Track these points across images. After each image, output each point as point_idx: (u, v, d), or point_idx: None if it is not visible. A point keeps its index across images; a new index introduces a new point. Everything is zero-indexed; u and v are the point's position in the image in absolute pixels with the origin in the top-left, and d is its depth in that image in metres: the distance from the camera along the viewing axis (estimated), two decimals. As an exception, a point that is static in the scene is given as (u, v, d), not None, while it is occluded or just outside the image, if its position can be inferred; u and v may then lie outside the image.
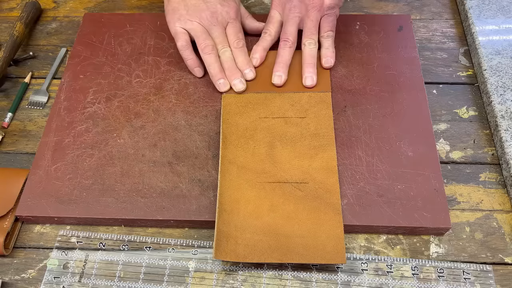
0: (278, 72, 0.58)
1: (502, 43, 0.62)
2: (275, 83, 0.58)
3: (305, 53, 0.58)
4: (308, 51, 0.58)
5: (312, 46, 0.58)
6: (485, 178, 0.54)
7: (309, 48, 0.58)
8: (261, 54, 0.60)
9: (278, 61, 0.58)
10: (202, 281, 0.48)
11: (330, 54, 0.59)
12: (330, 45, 0.59)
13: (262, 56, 0.60)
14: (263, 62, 0.60)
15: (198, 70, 0.59)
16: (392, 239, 0.50)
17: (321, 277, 0.48)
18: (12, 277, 0.49)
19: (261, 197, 0.50)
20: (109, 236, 0.51)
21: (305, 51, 0.58)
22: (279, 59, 0.58)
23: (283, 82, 0.58)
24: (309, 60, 0.58)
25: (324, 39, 0.59)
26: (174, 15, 0.60)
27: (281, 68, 0.58)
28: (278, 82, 0.57)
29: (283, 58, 0.58)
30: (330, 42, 0.59)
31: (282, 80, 0.57)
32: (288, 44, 0.58)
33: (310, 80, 0.57)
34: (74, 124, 0.57)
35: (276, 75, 0.58)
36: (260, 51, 0.60)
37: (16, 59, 0.66)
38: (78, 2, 0.74)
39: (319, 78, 0.58)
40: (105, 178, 0.52)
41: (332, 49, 0.59)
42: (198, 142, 0.55)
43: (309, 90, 0.58)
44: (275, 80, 0.58)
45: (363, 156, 0.53)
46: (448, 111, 0.59)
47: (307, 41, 0.58)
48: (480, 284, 0.47)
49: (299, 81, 0.59)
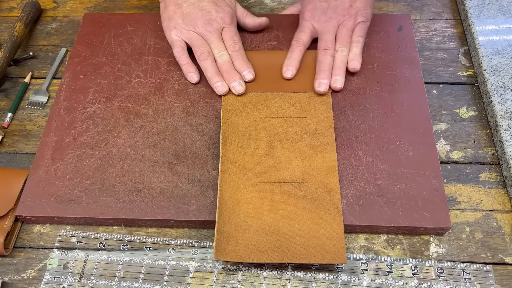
0: (324, 80, 0.57)
1: (502, 43, 0.62)
2: (320, 91, 0.57)
3: (336, 58, 0.59)
4: (339, 57, 0.59)
5: (345, 53, 0.59)
6: (485, 178, 0.54)
7: (341, 54, 0.59)
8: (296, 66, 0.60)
9: (321, 69, 0.58)
10: (202, 281, 0.48)
11: (356, 59, 0.59)
12: (358, 50, 0.59)
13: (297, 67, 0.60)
14: (262, 62, 0.60)
15: (192, 75, 0.59)
16: (392, 239, 0.50)
17: (321, 277, 0.48)
18: (12, 277, 0.49)
19: (261, 197, 0.50)
20: (109, 236, 0.51)
21: (336, 56, 0.59)
22: (322, 67, 0.58)
23: (327, 89, 0.57)
24: (339, 64, 0.58)
25: (353, 43, 0.60)
26: (170, 23, 0.60)
27: (325, 75, 0.58)
28: (324, 89, 0.57)
29: (326, 66, 0.58)
30: (358, 47, 0.59)
31: (326, 87, 0.57)
32: (329, 52, 0.59)
33: (339, 82, 0.57)
34: (74, 124, 0.57)
35: (322, 83, 0.57)
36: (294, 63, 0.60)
37: (16, 59, 0.66)
38: (78, 2, 0.74)
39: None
40: (105, 178, 0.52)
41: (359, 54, 0.59)
42: (198, 142, 0.55)
43: (310, 90, 0.58)
44: (321, 87, 0.57)
45: (363, 156, 0.53)
46: (448, 111, 0.59)
47: (340, 47, 0.59)
48: (480, 284, 0.47)
49: (299, 81, 0.59)
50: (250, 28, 0.64)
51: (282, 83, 0.59)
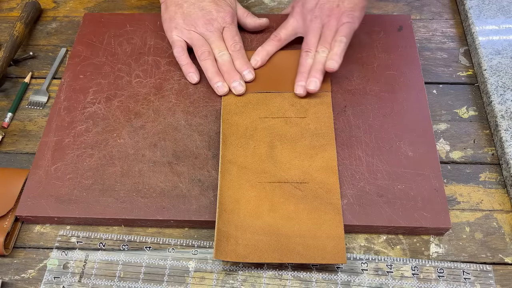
0: (301, 82, 0.57)
1: (502, 43, 0.62)
2: (298, 93, 0.57)
3: (315, 59, 0.57)
4: (318, 58, 0.57)
5: (324, 54, 0.57)
6: (485, 178, 0.54)
7: (320, 56, 0.57)
8: (262, 58, 0.60)
9: (300, 70, 0.57)
10: (202, 281, 0.48)
11: (335, 58, 0.56)
12: (339, 50, 0.56)
13: (264, 59, 0.60)
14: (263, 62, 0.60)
15: (192, 75, 0.59)
16: (392, 239, 0.50)
17: (321, 277, 0.48)
18: (12, 277, 0.49)
19: (261, 197, 0.50)
20: (109, 236, 0.51)
21: (315, 58, 0.57)
22: (301, 69, 0.57)
23: (304, 91, 0.57)
24: (316, 66, 0.56)
25: (335, 43, 0.57)
26: (171, 24, 0.60)
27: (304, 78, 0.57)
28: (301, 92, 0.57)
29: (305, 68, 0.57)
30: (340, 47, 0.56)
31: (304, 90, 0.57)
32: (310, 54, 0.58)
33: (313, 85, 0.56)
34: (74, 124, 0.57)
35: (298, 85, 0.57)
36: (262, 54, 0.60)
37: (16, 59, 0.66)
38: (78, 2, 0.74)
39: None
40: (105, 178, 0.52)
41: (339, 54, 0.56)
42: (198, 142, 0.55)
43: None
44: (298, 90, 0.57)
45: (363, 156, 0.53)
46: (448, 111, 0.59)
47: (321, 48, 0.57)
48: (480, 284, 0.47)
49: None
50: (251, 29, 0.64)
51: (282, 83, 0.59)
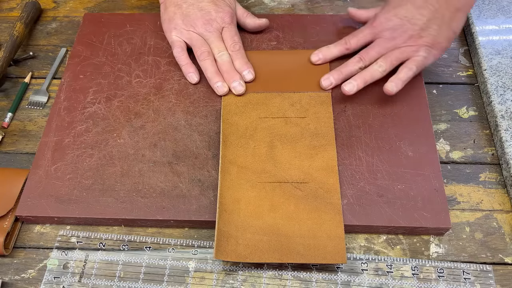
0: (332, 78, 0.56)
1: (502, 43, 0.62)
2: (324, 85, 0.57)
3: (369, 68, 0.55)
4: (372, 69, 0.55)
5: (381, 68, 0.54)
6: (485, 178, 0.54)
7: (374, 68, 0.55)
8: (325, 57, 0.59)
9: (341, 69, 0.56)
10: (202, 281, 0.48)
11: (398, 83, 0.54)
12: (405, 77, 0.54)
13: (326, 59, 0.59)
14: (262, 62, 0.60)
15: (191, 75, 0.59)
16: (392, 239, 0.50)
17: (321, 277, 0.48)
18: (12, 277, 0.49)
19: (261, 197, 0.50)
20: (109, 236, 0.51)
21: (370, 67, 0.55)
22: (343, 70, 0.56)
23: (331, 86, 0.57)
24: (366, 75, 0.55)
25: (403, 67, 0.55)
26: (170, 24, 0.61)
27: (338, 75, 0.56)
28: (327, 84, 0.57)
29: (347, 70, 0.56)
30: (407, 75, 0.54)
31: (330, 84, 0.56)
32: (360, 64, 0.56)
33: (350, 87, 0.54)
34: (74, 124, 0.57)
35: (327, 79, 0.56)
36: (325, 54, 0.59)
37: (16, 59, 0.66)
38: (78, 2, 0.74)
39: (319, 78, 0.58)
40: (105, 178, 0.52)
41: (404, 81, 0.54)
42: (198, 142, 0.55)
43: (310, 90, 0.58)
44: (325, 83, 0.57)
45: (363, 156, 0.53)
46: (448, 111, 0.59)
47: (380, 62, 0.55)
48: (480, 284, 0.47)
49: (299, 81, 0.59)
50: (250, 29, 0.64)
51: (282, 83, 0.59)
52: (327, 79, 0.57)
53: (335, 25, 0.65)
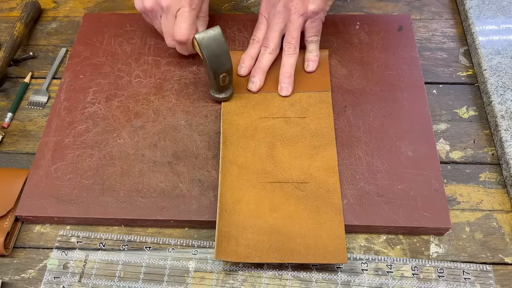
0: (254, 78, 0.57)
1: (502, 43, 0.62)
2: (250, 89, 0.57)
3: (283, 61, 0.58)
4: (286, 60, 0.57)
5: (291, 51, 0.57)
6: (485, 178, 0.54)
7: (287, 55, 0.57)
8: (249, 63, 0.59)
9: (256, 66, 0.58)
10: (202, 281, 0.48)
11: (312, 58, 0.58)
12: (314, 49, 0.58)
13: (250, 64, 0.59)
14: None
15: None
16: (392, 239, 0.50)
17: (321, 277, 0.48)
18: (12, 277, 0.49)
19: (261, 197, 0.50)
20: (109, 236, 0.51)
21: (283, 59, 0.58)
22: (257, 65, 0.58)
23: (258, 88, 0.57)
24: (286, 68, 0.57)
25: (308, 43, 0.59)
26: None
27: (257, 74, 0.57)
28: (253, 88, 0.57)
29: (261, 64, 0.58)
30: (314, 46, 0.58)
31: (257, 86, 0.57)
32: (268, 50, 0.58)
33: (285, 91, 0.57)
34: (74, 124, 0.57)
35: (251, 81, 0.57)
36: (248, 59, 0.59)
37: (16, 59, 0.66)
38: (78, 2, 0.74)
39: (319, 77, 0.58)
40: (105, 178, 0.52)
41: (315, 53, 0.59)
42: (198, 142, 0.55)
43: (310, 90, 0.58)
44: (250, 86, 0.57)
45: (363, 156, 0.53)
46: (448, 111, 0.59)
47: (286, 46, 0.57)
48: (480, 284, 0.47)
49: (299, 81, 0.59)
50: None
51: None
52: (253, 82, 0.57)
53: (335, 25, 0.65)
